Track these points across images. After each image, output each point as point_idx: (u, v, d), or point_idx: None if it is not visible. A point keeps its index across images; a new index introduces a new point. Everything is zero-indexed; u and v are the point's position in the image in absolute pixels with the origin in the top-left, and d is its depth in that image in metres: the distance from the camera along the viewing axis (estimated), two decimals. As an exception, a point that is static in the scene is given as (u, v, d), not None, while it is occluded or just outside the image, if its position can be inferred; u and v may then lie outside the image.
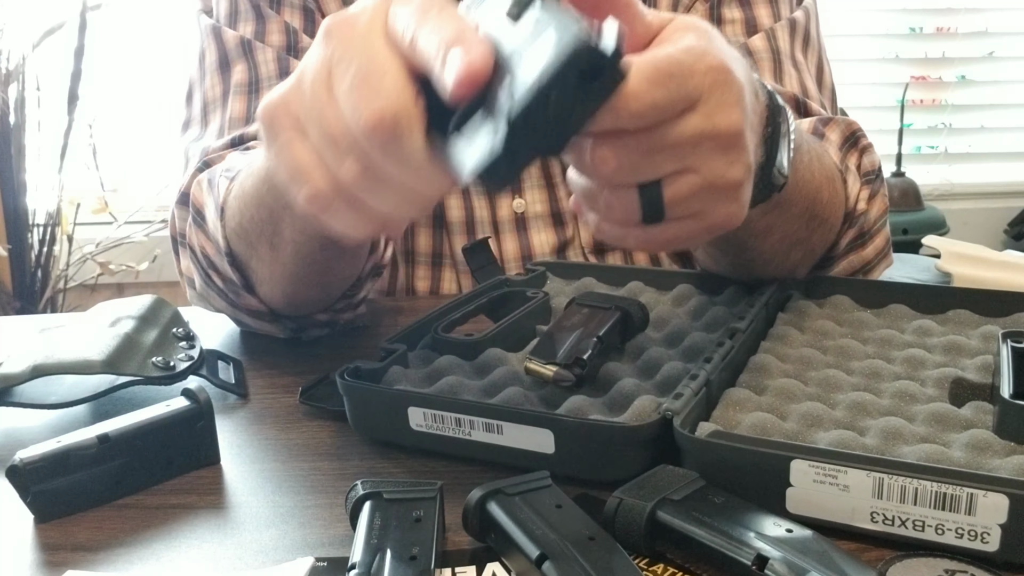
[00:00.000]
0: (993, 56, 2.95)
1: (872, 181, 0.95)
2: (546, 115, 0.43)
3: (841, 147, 0.94)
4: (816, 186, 0.82)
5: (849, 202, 0.92)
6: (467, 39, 0.46)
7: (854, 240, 0.94)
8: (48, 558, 0.58)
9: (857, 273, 0.96)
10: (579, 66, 0.43)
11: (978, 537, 0.52)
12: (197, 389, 0.68)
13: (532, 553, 0.50)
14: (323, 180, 0.53)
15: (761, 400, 0.66)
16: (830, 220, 0.88)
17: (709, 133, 0.55)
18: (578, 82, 0.43)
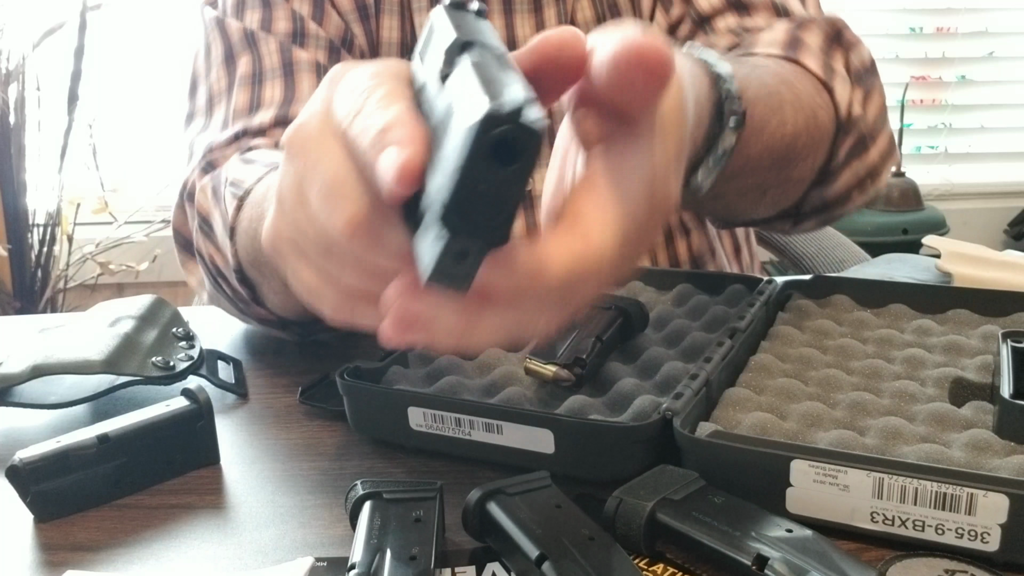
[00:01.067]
0: (993, 56, 2.95)
1: (864, 79, 0.91)
2: (479, 207, 0.39)
3: (825, 49, 0.89)
4: (791, 135, 0.79)
5: (841, 109, 0.87)
6: (397, 130, 0.42)
7: (854, 147, 0.89)
8: (48, 558, 0.58)
9: (864, 180, 0.92)
10: (493, 147, 0.38)
11: (978, 537, 0.52)
12: (197, 389, 0.68)
13: (532, 553, 0.50)
14: (334, 295, 0.50)
15: (761, 400, 0.66)
16: (813, 156, 0.85)
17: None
18: (501, 164, 0.38)
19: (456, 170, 0.38)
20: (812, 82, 0.86)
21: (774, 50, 0.88)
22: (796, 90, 0.81)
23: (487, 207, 0.39)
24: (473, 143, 0.38)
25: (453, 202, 0.39)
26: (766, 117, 0.74)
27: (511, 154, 0.38)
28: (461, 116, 0.39)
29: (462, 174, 0.38)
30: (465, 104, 0.39)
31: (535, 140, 0.39)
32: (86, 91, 2.40)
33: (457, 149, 0.38)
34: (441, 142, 0.41)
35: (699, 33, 0.99)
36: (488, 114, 0.37)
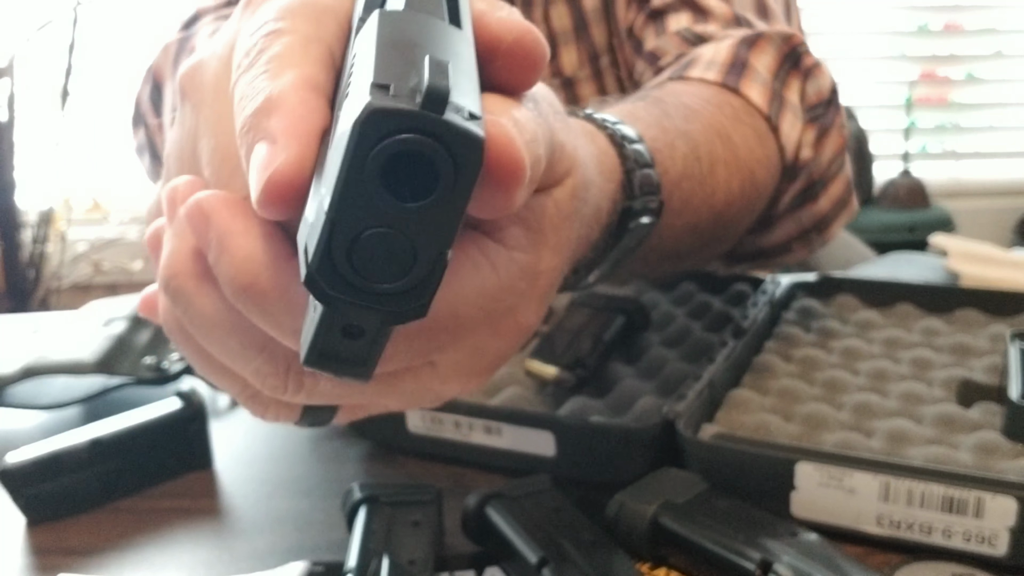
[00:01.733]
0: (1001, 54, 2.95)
1: (820, 116, 0.78)
2: (371, 263, 0.26)
3: (776, 73, 0.76)
4: (721, 203, 0.67)
5: (787, 153, 0.75)
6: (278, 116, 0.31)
7: (802, 193, 0.78)
8: (40, 561, 0.58)
9: (810, 231, 0.80)
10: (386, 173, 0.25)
11: (986, 541, 0.51)
12: (190, 391, 0.67)
13: (532, 557, 0.50)
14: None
15: (765, 401, 0.66)
16: (749, 216, 0.75)
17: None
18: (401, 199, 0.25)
19: (324, 207, 0.26)
20: (754, 124, 0.73)
21: (711, 74, 0.75)
22: (732, 144, 0.69)
23: (383, 264, 0.26)
24: (348, 163, 0.25)
25: (320, 258, 0.26)
26: (691, 192, 0.62)
27: (422, 178, 0.25)
28: (345, 110, 0.26)
29: (332, 214, 0.25)
30: (353, 87, 0.27)
31: (465, 156, 0.25)
32: (78, 87, 2.40)
33: (332, 170, 0.26)
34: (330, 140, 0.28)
35: (649, 28, 0.89)
36: (369, 114, 0.24)
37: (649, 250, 0.58)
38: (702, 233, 0.67)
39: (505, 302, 0.37)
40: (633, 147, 0.54)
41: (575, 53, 0.96)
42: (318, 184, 0.28)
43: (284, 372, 0.36)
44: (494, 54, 0.34)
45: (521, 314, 0.38)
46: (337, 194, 0.25)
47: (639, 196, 0.53)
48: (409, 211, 0.25)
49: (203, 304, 0.36)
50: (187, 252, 0.36)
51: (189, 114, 0.39)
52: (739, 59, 0.76)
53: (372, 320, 0.28)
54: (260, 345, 0.36)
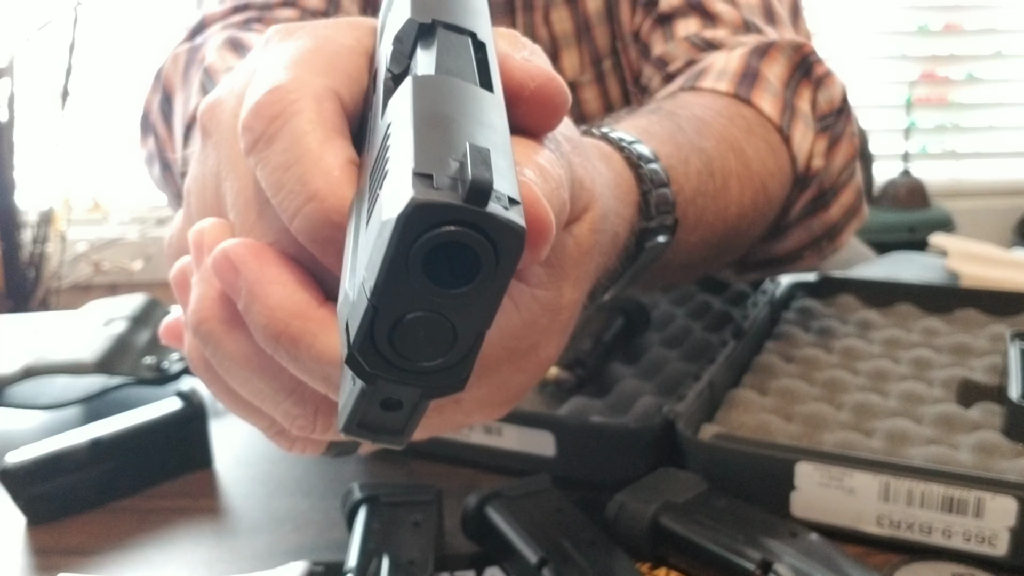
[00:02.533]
0: (1001, 54, 2.95)
1: (831, 125, 0.78)
2: (412, 342, 0.26)
3: (788, 83, 0.77)
4: (734, 216, 0.67)
5: (799, 163, 0.75)
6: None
7: (813, 201, 0.79)
8: (40, 562, 0.58)
9: (822, 239, 0.81)
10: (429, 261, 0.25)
11: (986, 541, 0.51)
12: (190, 391, 0.67)
13: (532, 557, 0.50)
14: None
15: (765, 401, 0.66)
16: (761, 227, 0.75)
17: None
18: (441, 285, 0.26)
19: (365, 290, 0.26)
20: (766, 136, 0.73)
21: (723, 84, 0.75)
22: (745, 157, 0.69)
23: (423, 344, 0.26)
24: (391, 253, 0.25)
25: (361, 339, 0.26)
26: (704, 207, 0.62)
27: (463, 266, 0.25)
28: (383, 195, 0.26)
29: (374, 299, 0.25)
30: (392, 173, 0.26)
31: (507, 248, 0.25)
32: (78, 87, 2.40)
33: (368, 254, 0.26)
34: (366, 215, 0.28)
35: (657, 33, 0.89)
36: (412, 209, 0.24)
37: (663, 265, 0.59)
38: (715, 246, 0.67)
39: (528, 340, 0.38)
40: (649, 167, 0.54)
41: (576, 57, 0.96)
42: (354, 258, 0.28)
43: (312, 414, 0.37)
44: (517, 100, 0.35)
45: (543, 349, 0.39)
46: (380, 281, 0.25)
47: (655, 216, 0.53)
48: (451, 296, 0.25)
49: (233, 348, 0.37)
50: (215, 297, 0.37)
51: (211, 152, 0.39)
52: (751, 69, 0.76)
53: (411, 395, 0.28)
54: (289, 388, 0.37)
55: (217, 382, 0.40)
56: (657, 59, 0.88)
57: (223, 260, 0.35)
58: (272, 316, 0.34)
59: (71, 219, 2.49)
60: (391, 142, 0.27)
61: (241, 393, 0.39)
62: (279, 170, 0.33)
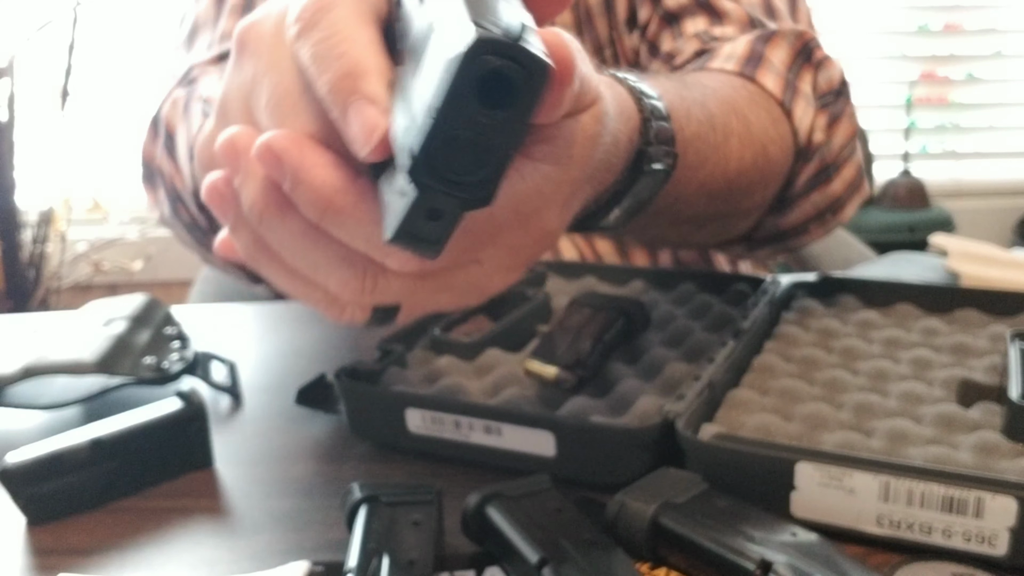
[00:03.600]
0: (1001, 54, 2.95)
1: (831, 103, 0.83)
2: (458, 160, 0.34)
3: (790, 66, 0.82)
4: (734, 171, 0.72)
5: (800, 136, 0.80)
6: (369, 81, 0.39)
7: (816, 175, 0.83)
8: (40, 562, 0.58)
9: (826, 212, 0.86)
10: (482, 84, 0.32)
11: (986, 541, 0.51)
12: (191, 391, 0.67)
13: (532, 557, 0.50)
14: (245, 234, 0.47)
15: (765, 401, 0.66)
16: (762, 190, 0.80)
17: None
18: (488, 107, 0.33)
19: (430, 113, 0.32)
20: (768, 108, 0.79)
21: (730, 65, 0.81)
22: (747, 120, 0.74)
23: (468, 160, 0.33)
24: (455, 79, 0.32)
25: (424, 153, 0.33)
26: (704, 155, 0.67)
27: (503, 95, 0.32)
28: (441, 44, 0.33)
29: (437, 119, 0.32)
30: (448, 28, 0.33)
31: (536, 78, 0.32)
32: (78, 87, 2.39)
33: (434, 86, 0.32)
34: (416, 71, 0.36)
35: (666, 34, 0.93)
36: (475, 42, 0.31)
37: (666, 208, 0.65)
38: (716, 197, 0.72)
39: (532, 205, 0.44)
40: (650, 101, 0.59)
41: None
42: (404, 101, 0.36)
43: (361, 277, 0.44)
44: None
45: (546, 216, 0.45)
46: (445, 103, 0.32)
47: (654, 143, 0.58)
48: (495, 117, 0.33)
49: (289, 226, 0.43)
50: (264, 188, 0.43)
51: (247, 63, 0.45)
52: (755, 53, 0.81)
53: (452, 205, 0.35)
54: (340, 256, 0.43)
55: (274, 264, 0.47)
56: (666, 54, 0.91)
57: (266, 152, 0.41)
58: (317, 194, 0.41)
59: (71, 219, 2.49)
60: (438, 9, 0.35)
61: (300, 268, 0.45)
62: (319, 44, 0.40)
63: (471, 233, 0.42)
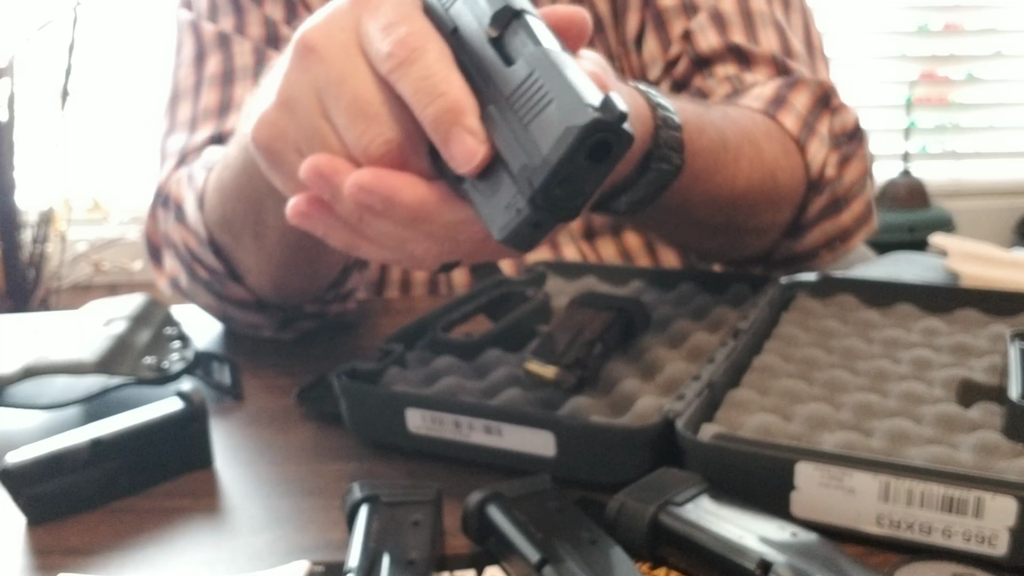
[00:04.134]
0: (1001, 54, 2.95)
1: (843, 144, 0.92)
2: (560, 192, 0.45)
3: (811, 110, 0.92)
4: (742, 188, 0.81)
5: (812, 170, 0.90)
6: (470, 116, 0.48)
7: (827, 208, 0.92)
8: (40, 562, 0.58)
9: (834, 240, 0.94)
10: (590, 147, 0.43)
11: (986, 541, 0.51)
12: (191, 391, 0.67)
13: (532, 557, 0.50)
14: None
15: (765, 401, 0.66)
16: (772, 212, 0.88)
17: None
18: (591, 161, 0.44)
19: (551, 159, 0.44)
20: (783, 142, 0.88)
21: (756, 104, 0.90)
22: (759, 148, 0.83)
23: (570, 193, 0.45)
24: (574, 143, 0.43)
25: (543, 188, 0.44)
26: (713, 168, 0.76)
27: (603, 154, 0.44)
28: (560, 112, 0.44)
29: (557, 166, 0.43)
30: (563, 101, 0.44)
31: (625, 145, 0.44)
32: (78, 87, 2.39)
33: (551, 141, 0.44)
34: (519, 120, 0.46)
35: (697, 75, 1.00)
36: (595, 121, 0.43)
37: (675, 208, 0.74)
38: (722, 209, 0.81)
39: None
40: (664, 112, 0.68)
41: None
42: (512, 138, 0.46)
43: (440, 247, 0.53)
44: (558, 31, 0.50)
45: None
46: (564, 156, 0.43)
47: (663, 147, 0.67)
48: (594, 168, 0.44)
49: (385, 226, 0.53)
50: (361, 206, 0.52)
51: (315, 66, 0.51)
52: (780, 96, 0.92)
53: (552, 221, 0.46)
54: (425, 235, 0.53)
55: (372, 245, 0.55)
56: (696, 90, 1.00)
57: (358, 189, 0.50)
58: (408, 209, 0.50)
59: (71, 219, 2.49)
60: (542, 81, 0.45)
61: (393, 249, 0.55)
62: (421, 81, 0.48)
63: None
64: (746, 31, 1.00)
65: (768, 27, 1.01)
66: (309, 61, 0.52)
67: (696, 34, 1.00)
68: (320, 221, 0.55)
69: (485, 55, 0.49)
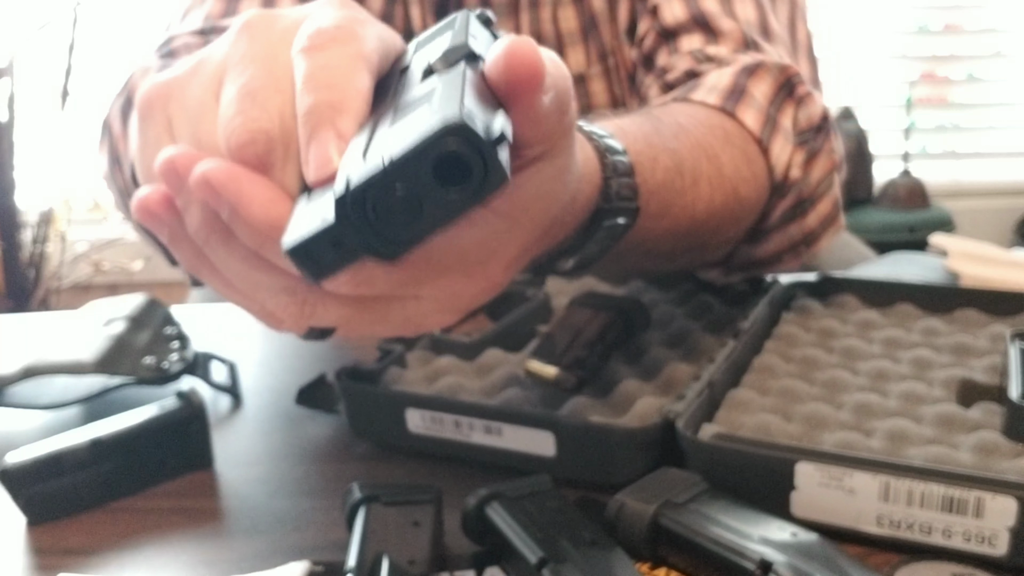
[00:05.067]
0: (1001, 54, 2.95)
1: (810, 140, 0.84)
2: (385, 209, 0.35)
3: (772, 100, 0.82)
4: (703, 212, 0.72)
5: (776, 173, 0.81)
6: (347, 118, 0.41)
7: (792, 209, 0.84)
8: (40, 562, 0.58)
9: (799, 245, 0.86)
10: (441, 158, 0.34)
11: (986, 541, 0.51)
12: (191, 391, 0.67)
13: (532, 557, 0.50)
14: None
15: (765, 401, 0.66)
16: (734, 227, 0.80)
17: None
18: (436, 179, 0.34)
19: (384, 159, 0.34)
20: (744, 146, 0.79)
21: (712, 98, 0.81)
22: (719, 163, 0.75)
23: (394, 216, 0.35)
24: (422, 141, 0.34)
25: (360, 189, 0.34)
26: (669, 201, 0.67)
27: (455, 178, 0.34)
28: (427, 112, 0.36)
29: (388, 166, 0.34)
30: (440, 102, 0.36)
31: (491, 182, 0.35)
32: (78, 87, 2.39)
33: (402, 142, 0.34)
34: (391, 124, 0.38)
35: (663, 50, 0.94)
36: (457, 123, 0.33)
37: (631, 248, 0.65)
38: (683, 238, 0.72)
39: (479, 255, 0.43)
40: (615, 158, 0.60)
41: (582, 54, 1.01)
42: (365, 140, 0.38)
43: (300, 302, 0.44)
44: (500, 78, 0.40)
45: (492, 269, 0.45)
46: (401, 157, 0.34)
47: (615, 201, 0.59)
48: (436, 192, 0.34)
49: (233, 252, 0.43)
50: (207, 214, 0.43)
51: (242, 41, 0.46)
52: (738, 86, 0.82)
53: (357, 246, 0.36)
54: (280, 282, 0.43)
55: (217, 277, 0.46)
56: (659, 69, 0.92)
57: (204, 184, 0.41)
58: (255, 228, 0.41)
59: (71, 219, 2.49)
60: (439, 88, 0.38)
61: (241, 287, 0.45)
62: (317, 68, 0.42)
63: (413, 268, 0.41)
64: (720, 2, 0.92)
65: (746, 1, 0.93)
66: (239, 38, 0.46)
67: (662, 7, 0.93)
68: (166, 227, 0.46)
69: (411, 81, 0.42)
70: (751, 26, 0.91)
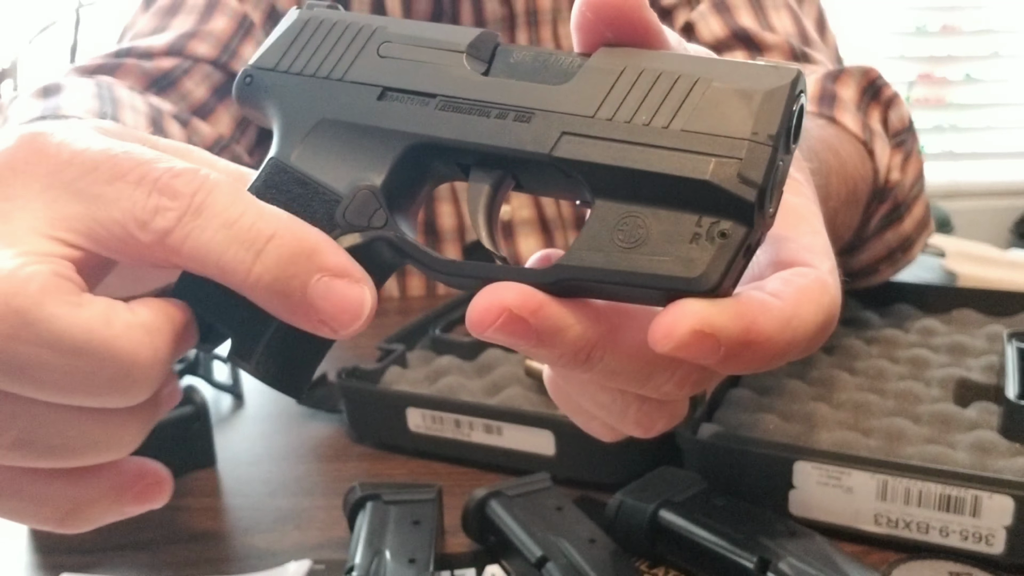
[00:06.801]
0: (998, 54, 2.95)
1: (904, 141, 0.82)
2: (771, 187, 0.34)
3: (859, 104, 0.80)
4: (832, 210, 0.68)
5: (879, 176, 0.79)
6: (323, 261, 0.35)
7: (889, 215, 0.81)
8: (43, 560, 0.58)
9: (895, 252, 0.84)
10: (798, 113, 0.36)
11: (983, 540, 0.51)
12: (193, 390, 0.67)
13: (532, 555, 0.50)
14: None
15: (764, 401, 0.66)
16: (848, 231, 0.77)
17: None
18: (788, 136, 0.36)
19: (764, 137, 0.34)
20: (855, 146, 0.77)
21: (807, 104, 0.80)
22: (841, 158, 0.72)
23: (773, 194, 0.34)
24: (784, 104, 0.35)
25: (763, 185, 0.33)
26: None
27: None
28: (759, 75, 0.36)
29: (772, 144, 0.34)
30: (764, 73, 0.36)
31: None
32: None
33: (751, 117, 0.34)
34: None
35: None
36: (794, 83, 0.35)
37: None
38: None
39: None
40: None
41: None
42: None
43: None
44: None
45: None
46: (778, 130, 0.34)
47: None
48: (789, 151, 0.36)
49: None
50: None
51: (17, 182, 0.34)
52: (827, 91, 0.79)
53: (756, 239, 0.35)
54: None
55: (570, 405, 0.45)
56: None
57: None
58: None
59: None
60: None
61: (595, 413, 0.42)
62: (224, 228, 0.33)
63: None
64: (755, 14, 0.91)
65: (781, 10, 0.92)
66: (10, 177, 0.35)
67: (698, 23, 0.93)
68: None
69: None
70: (792, 36, 0.90)
